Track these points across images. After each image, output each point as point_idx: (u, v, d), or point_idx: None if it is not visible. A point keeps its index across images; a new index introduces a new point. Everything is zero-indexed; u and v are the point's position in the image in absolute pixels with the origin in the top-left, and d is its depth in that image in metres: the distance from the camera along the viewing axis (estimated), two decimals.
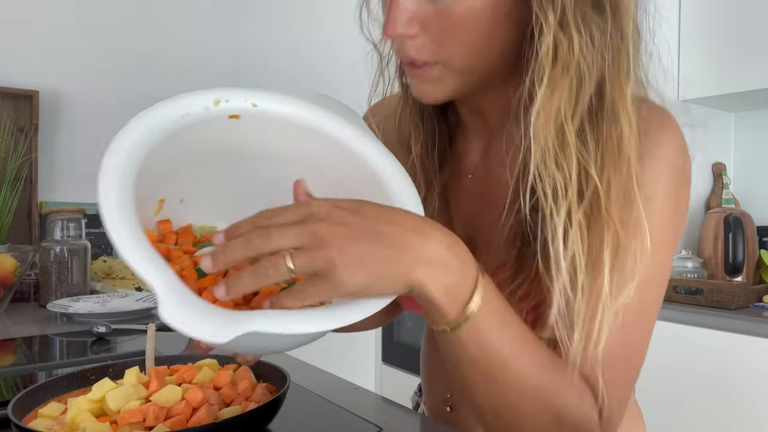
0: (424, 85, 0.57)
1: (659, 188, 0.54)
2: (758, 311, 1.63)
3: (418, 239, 0.44)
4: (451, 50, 0.54)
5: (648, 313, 0.56)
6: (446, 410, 0.72)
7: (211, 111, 0.56)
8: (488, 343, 0.48)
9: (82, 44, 2.14)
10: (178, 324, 0.40)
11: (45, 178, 2.05)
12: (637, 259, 0.50)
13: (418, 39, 0.54)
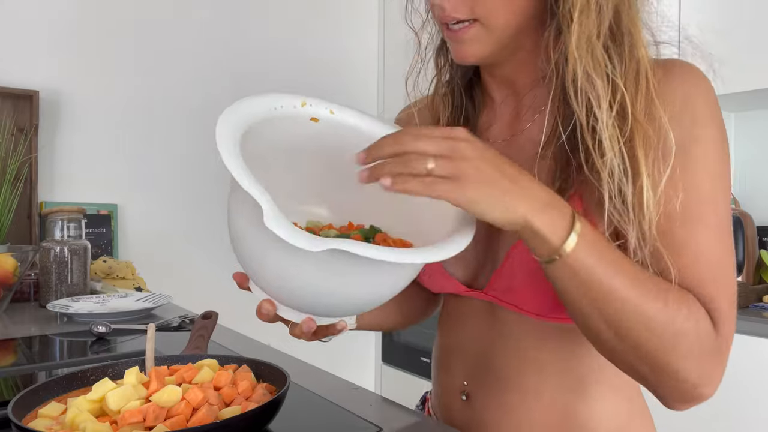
0: (464, 46, 0.64)
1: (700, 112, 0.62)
2: (758, 311, 1.63)
3: (528, 183, 0.53)
4: (486, 5, 0.61)
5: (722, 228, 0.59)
6: (461, 399, 0.73)
7: (298, 110, 0.65)
8: (591, 267, 0.53)
9: (82, 44, 2.14)
10: (281, 230, 0.48)
11: (45, 178, 2.05)
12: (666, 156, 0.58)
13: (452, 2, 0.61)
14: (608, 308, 0.55)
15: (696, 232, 0.58)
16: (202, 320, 1.03)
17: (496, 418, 0.70)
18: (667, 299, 0.55)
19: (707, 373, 0.57)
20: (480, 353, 0.72)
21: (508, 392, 0.69)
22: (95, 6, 2.17)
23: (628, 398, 0.71)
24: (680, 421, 1.69)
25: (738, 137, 2.17)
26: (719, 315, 0.57)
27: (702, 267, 0.58)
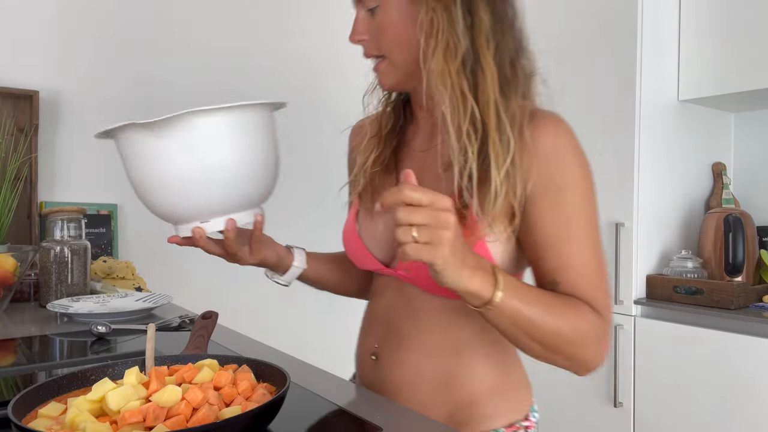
0: (380, 76, 0.84)
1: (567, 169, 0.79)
2: (758, 311, 1.63)
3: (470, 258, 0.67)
4: (387, 47, 0.81)
5: (594, 244, 0.80)
6: (371, 359, 0.91)
7: None
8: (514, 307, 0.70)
9: (82, 44, 2.14)
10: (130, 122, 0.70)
11: (45, 178, 2.05)
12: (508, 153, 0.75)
13: (368, 42, 0.82)
14: (531, 331, 0.73)
15: (576, 251, 0.77)
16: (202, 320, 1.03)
17: (396, 374, 0.87)
18: (569, 313, 0.74)
19: (602, 352, 0.77)
20: (389, 321, 0.89)
21: (406, 353, 0.86)
22: (95, 6, 2.17)
23: (501, 362, 0.88)
24: (680, 420, 1.70)
25: (738, 137, 2.17)
26: (601, 307, 0.76)
27: (584, 276, 0.77)
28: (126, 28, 2.24)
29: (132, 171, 0.74)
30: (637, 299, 1.82)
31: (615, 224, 1.86)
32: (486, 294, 0.68)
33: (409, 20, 0.78)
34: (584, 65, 1.95)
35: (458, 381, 0.85)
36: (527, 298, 0.72)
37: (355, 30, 0.82)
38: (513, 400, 0.90)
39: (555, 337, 0.73)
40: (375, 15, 0.80)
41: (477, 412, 0.84)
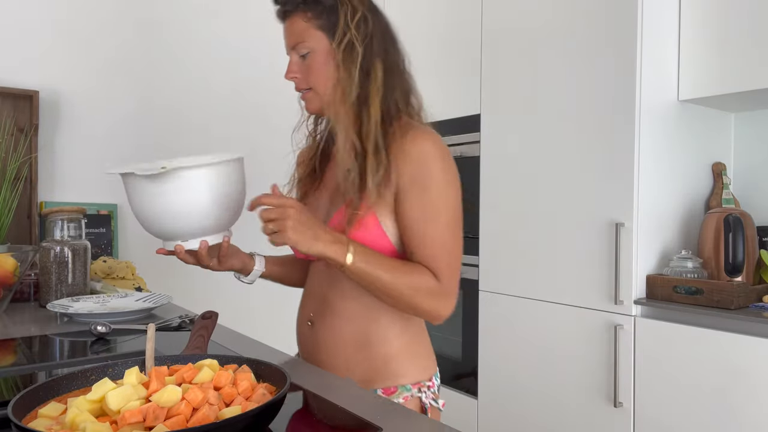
0: (308, 104, 1.10)
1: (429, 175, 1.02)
2: (758, 311, 1.63)
3: (322, 232, 0.96)
4: (313, 81, 1.07)
5: (449, 227, 1.01)
6: (308, 325, 1.13)
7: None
8: (363, 269, 0.96)
9: (82, 45, 2.14)
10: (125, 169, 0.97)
11: (45, 178, 2.05)
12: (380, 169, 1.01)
13: (299, 78, 1.09)
14: (378, 285, 0.98)
15: (431, 233, 1.01)
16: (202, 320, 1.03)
17: (325, 336, 1.09)
18: (407, 273, 0.99)
19: (439, 306, 1.01)
20: (320, 293, 1.12)
21: (332, 318, 1.09)
22: (95, 6, 2.17)
23: (407, 328, 1.09)
24: (680, 420, 1.70)
25: (738, 137, 2.17)
26: (443, 277, 1.00)
27: (434, 253, 1.00)
28: (126, 28, 2.24)
29: (133, 203, 1.00)
30: (637, 299, 1.82)
31: (615, 224, 1.86)
32: (339, 258, 0.95)
33: (330, 64, 1.06)
34: (584, 65, 1.95)
35: (373, 342, 1.07)
36: (373, 262, 0.97)
37: (290, 69, 1.09)
38: (419, 364, 1.09)
39: (396, 289, 0.98)
40: (306, 59, 1.07)
41: (390, 370, 1.06)
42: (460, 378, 2.41)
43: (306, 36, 1.06)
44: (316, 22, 1.06)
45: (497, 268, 2.24)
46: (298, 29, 1.07)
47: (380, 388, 1.05)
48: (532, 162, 2.12)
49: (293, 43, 1.08)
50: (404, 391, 1.06)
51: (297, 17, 1.07)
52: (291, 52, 1.09)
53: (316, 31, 1.06)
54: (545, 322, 2.06)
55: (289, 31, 1.09)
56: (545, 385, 2.06)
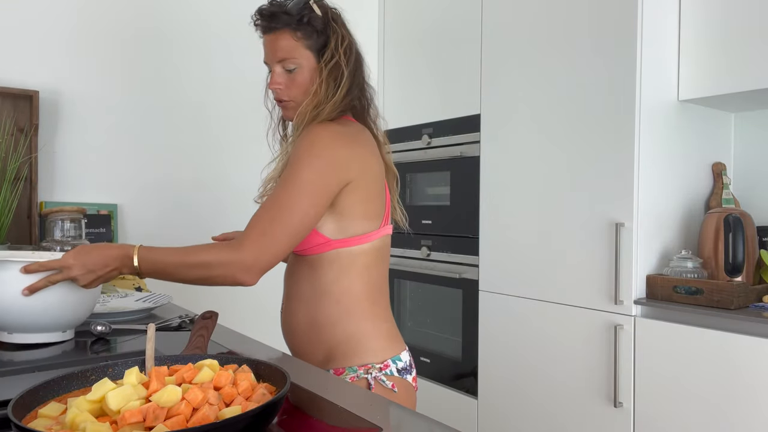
0: (286, 112, 1.22)
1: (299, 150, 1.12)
2: (758, 311, 1.63)
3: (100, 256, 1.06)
4: (294, 94, 1.18)
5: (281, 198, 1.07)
6: (281, 310, 1.24)
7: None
8: (152, 266, 1.05)
9: (82, 44, 2.14)
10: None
11: (45, 178, 2.05)
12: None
13: (282, 90, 1.19)
14: (173, 274, 1.06)
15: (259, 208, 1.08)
16: (202, 320, 1.03)
17: (289, 320, 1.21)
18: (193, 253, 1.05)
19: (233, 273, 1.04)
20: (286, 281, 1.24)
21: (290, 302, 1.21)
22: (95, 6, 2.17)
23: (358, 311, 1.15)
24: (680, 420, 1.69)
25: (738, 137, 2.17)
26: (241, 245, 1.04)
27: (248, 224, 1.07)
28: (126, 28, 2.24)
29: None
30: (637, 299, 1.82)
31: (615, 224, 1.86)
32: (130, 269, 1.05)
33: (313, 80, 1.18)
34: (584, 65, 1.95)
35: (324, 325, 1.15)
36: (156, 257, 1.05)
37: (275, 81, 1.18)
38: (372, 348, 1.15)
39: (184, 270, 1.05)
40: (291, 73, 1.17)
41: (342, 352, 1.14)
42: (460, 378, 2.41)
43: (296, 53, 1.16)
44: (306, 42, 1.16)
45: (497, 268, 2.24)
46: (286, 46, 1.16)
47: (332, 369, 1.14)
48: (532, 162, 2.12)
49: (280, 58, 1.17)
50: (350, 372, 1.13)
51: (285, 34, 1.16)
52: (276, 65, 1.18)
53: (305, 50, 1.16)
54: (545, 322, 2.06)
55: (275, 45, 1.17)
56: (545, 385, 2.05)
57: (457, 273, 2.40)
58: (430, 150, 2.52)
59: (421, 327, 2.61)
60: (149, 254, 1.05)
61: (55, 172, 2.09)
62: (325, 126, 1.13)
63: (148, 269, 1.05)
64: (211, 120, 2.46)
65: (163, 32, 2.34)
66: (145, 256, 1.05)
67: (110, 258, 1.05)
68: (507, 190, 2.21)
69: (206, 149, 2.44)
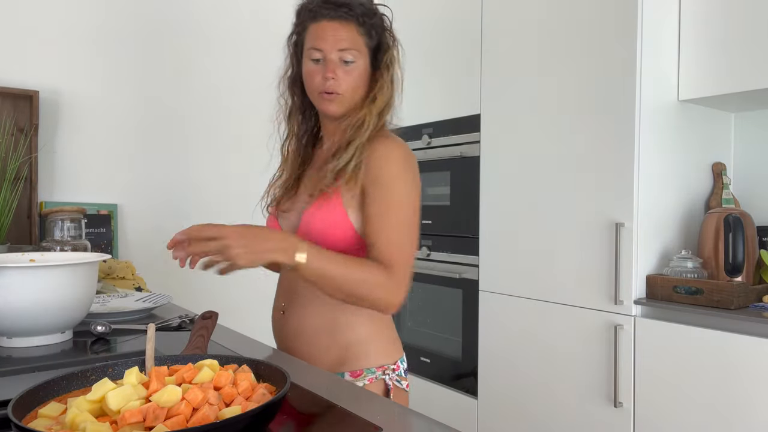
0: (332, 105, 1.16)
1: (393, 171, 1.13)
2: (758, 311, 1.63)
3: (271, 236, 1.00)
4: (347, 89, 1.15)
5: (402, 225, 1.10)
6: (281, 314, 1.21)
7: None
8: (317, 268, 1.00)
9: (82, 45, 2.14)
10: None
11: (45, 178, 2.05)
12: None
13: (336, 81, 1.14)
14: (331, 284, 1.03)
15: (386, 227, 1.09)
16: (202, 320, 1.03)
17: (296, 324, 1.17)
18: (358, 269, 1.04)
19: (389, 296, 1.06)
20: (292, 283, 1.20)
21: (303, 307, 1.17)
22: (95, 6, 2.17)
23: (372, 313, 1.15)
24: (680, 420, 1.69)
25: (738, 137, 2.17)
26: (391, 266, 1.06)
27: (389, 243, 1.08)
28: (126, 28, 2.24)
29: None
30: (637, 299, 1.82)
31: (615, 224, 1.86)
32: (289, 259, 0.98)
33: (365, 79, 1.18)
34: (584, 65, 1.95)
35: (340, 328, 1.14)
36: (325, 260, 1.01)
37: (331, 69, 1.14)
38: (384, 349, 1.17)
39: (348, 288, 1.03)
40: (348, 66, 1.15)
41: (356, 354, 1.14)
42: (460, 378, 2.41)
43: (358, 46, 1.15)
44: (365, 40, 1.16)
45: (497, 268, 2.24)
46: (351, 36, 1.14)
47: (347, 372, 1.13)
48: (532, 162, 2.12)
49: (344, 47, 1.14)
50: (369, 374, 1.13)
51: (351, 25, 1.14)
52: (334, 53, 1.14)
53: (364, 47, 1.16)
54: (545, 322, 2.06)
55: (340, 34, 1.13)
56: (545, 385, 2.05)
57: (457, 273, 2.40)
58: (430, 150, 2.52)
59: (421, 327, 2.61)
60: (318, 255, 1.00)
61: (55, 172, 2.09)
62: (401, 142, 1.16)
63: (313, 270, 1.00)
64: (212, 120, 2.45)
65: (164, 32, 2.34)
66: (315, 256, 1.00)
67: (271, 240, 0.99)
68: (507, 190, 2.21)
69: (206, 149, 2.44)
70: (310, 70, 1.16)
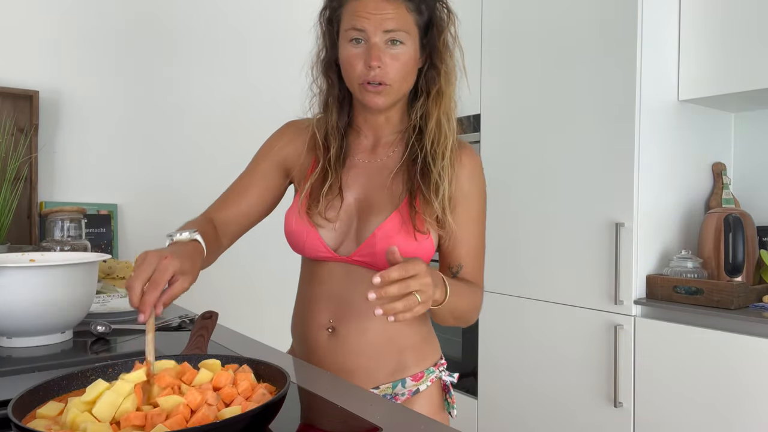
0: (378, 98, 1.00)
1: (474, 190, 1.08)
2: (758, 311, 1.63)
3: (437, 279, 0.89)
4: (395, 78, 0.98)
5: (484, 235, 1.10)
6: (327, 332, 1.07)
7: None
8: (453, 302, 0.93)
9: (82, 44, 2.14)
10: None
11: (45, 178, 2.05)
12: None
13: (383, 69, 0.97)
14: (456, 314, 1.00)
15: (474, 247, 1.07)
16: (202, 320, 1.03)
17: (351, 340, 1.05)
18: (472, 294, 1.03)
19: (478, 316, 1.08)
20: (342, 298, 1.06)
21: (358, 320, 1.05)
22: (95, 6, 2.17)
23: (422, 323, 1.11)
24: (680, 420, 1.69)
25: (738, 137, 2.17)
26: (482, 288, 1.08)
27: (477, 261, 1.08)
28: (126, 28, 2.24)
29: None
30: (637, 299, 1.82)
31: (615, 224, 1.86)
32: (441, 299, 0.90)
33: (415, 65, 1.02)
34: (584, 65, 1.95)
35: (398, 336, 1.07)
36: (458, 294, 0.96)
37: (376, 56, 0.96)
38: (433, 347, 1.14)
39: (466, 315, 1.03)
40: (395, 49, 0.97)
41: (414, 359, 1.09)
42: (460, 378, 2.41)
43: (407, 26, 0.97)
44: (414, 17, 0.98)
45: (497, 268, 2.24)
46: (399, 14, 0.96)
47: (409, 377, 1.08)
48: (532, 162, 2.12)
49: (391, 27, 0.95)
50: (429, 374, 1.11)
51: (397, 1, 0.96)
52: (378, 35, 0.95)
53: (414, 26, 0.98)
54: (545, 322, 2.06)
55: (385, 11, 0.95)
56: (545, 385, 2.05)
57: None
58: None
59: None
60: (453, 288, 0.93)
61: (55, 172, 2.09)
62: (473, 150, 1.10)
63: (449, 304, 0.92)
64: (212, 120, 2.45)
65: (164, 32, 2.34)
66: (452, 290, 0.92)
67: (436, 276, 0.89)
68: (507, 189, 2.21)
69: (207, 149, 2.44)
70: (349, 55, 0.98)
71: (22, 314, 1.05)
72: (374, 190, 1.06)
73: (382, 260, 1.01)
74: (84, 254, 1.24)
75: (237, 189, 1.15)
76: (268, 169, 1.15)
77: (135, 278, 0.76)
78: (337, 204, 1.06)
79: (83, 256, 1.18)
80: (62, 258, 1.19)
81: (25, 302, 1.04)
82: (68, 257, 1.19)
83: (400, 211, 1.01)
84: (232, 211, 1.12)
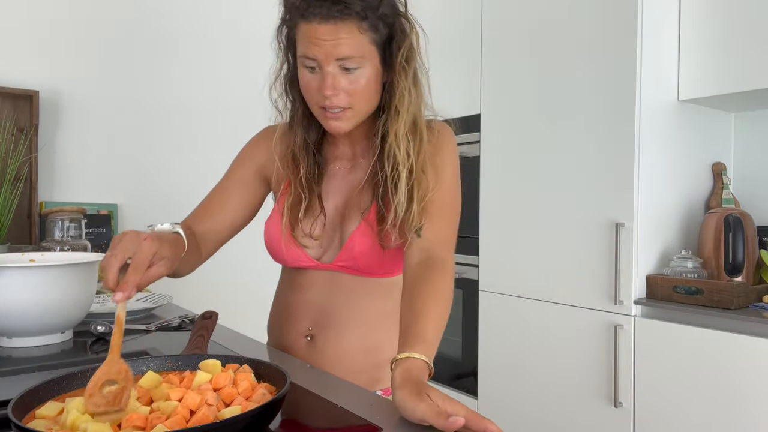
0: (339, 123, 0.97)
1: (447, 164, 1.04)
2: (758, 311, 1.63)
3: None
4: (355, 101, 0.96)
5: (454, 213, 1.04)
6: (306, 340, 1.07)
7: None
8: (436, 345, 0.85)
9: (82, 44, 2.14)
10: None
11: (45, 178, 2.05)
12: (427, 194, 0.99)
13: (339, 96, 0.94)
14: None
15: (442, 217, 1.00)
16: (202, 320, 1.03)
17: (330, 348, 1.05)
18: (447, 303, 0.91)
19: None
20: (323, 306, 1.06)
21: (338, 329, 1.05)
22: (95, 7, 2.17)
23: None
24: (680, 420, 1.69)
25: (738, 137, 2.17)
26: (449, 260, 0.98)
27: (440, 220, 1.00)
28: (126, 28, 2.24)
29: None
30: (637, 299, 1.82)
31: (615, 224, 1.86)
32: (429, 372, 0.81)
33: (378, 83, 0.98)
34: (584, 65, 1.95)
35: (381, 345, 1.06)
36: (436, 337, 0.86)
37: (332, 85, 0.93)
38: None
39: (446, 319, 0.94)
40: (351, 74, 0.94)
41: (387, 371, 1.00)
42: (460, 378, 2.41)
43: (362, 50, 0.92)
44: (371, 36, 0.93)
45: (497, 268, 2.24)
46: (352, 39, 0.91)
47: (380, 390, 1.06)
48: (532, 162, 2.12)
49: (344, 54, 0.91)
50: None
51: (350, 24, 0.91)
52: (331, 64, 0.92)
53: (370, 45, 0.94)
54: (545, 322, 2.06)
55: (337, 38, 0.91)
56: (545, 385, 2.05)
57: (457, 273, 2.40)
58: None
59: None
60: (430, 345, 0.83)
61: (55, 172, 2.09)
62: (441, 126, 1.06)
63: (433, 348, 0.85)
64: (212, 120, 2.45)
65: (164, 32, 2.34)
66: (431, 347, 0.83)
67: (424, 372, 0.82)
68: (507, 190, 2.21)
69: (207, 149, 2.44)
70: (306, 81, 0.96)
71: (22, 314, 1.05)
72: (351, 195, 1.06)
73: (361, 265, 1.03)
74: (84, 254, 1.24)
75: (216, 198, 1.14)
76: (246, 177, 1.13)
77: (112, 257, 0.72)
78: (320, 220, 1.05)
79: (83, 256, 1.18)
80: (62, 258, 1.19)
81: (25, 302, 1.04)
82: (68, 257, 1.19)
83: (367, 220, 1.01)
84: (211, 221, 1.10)
